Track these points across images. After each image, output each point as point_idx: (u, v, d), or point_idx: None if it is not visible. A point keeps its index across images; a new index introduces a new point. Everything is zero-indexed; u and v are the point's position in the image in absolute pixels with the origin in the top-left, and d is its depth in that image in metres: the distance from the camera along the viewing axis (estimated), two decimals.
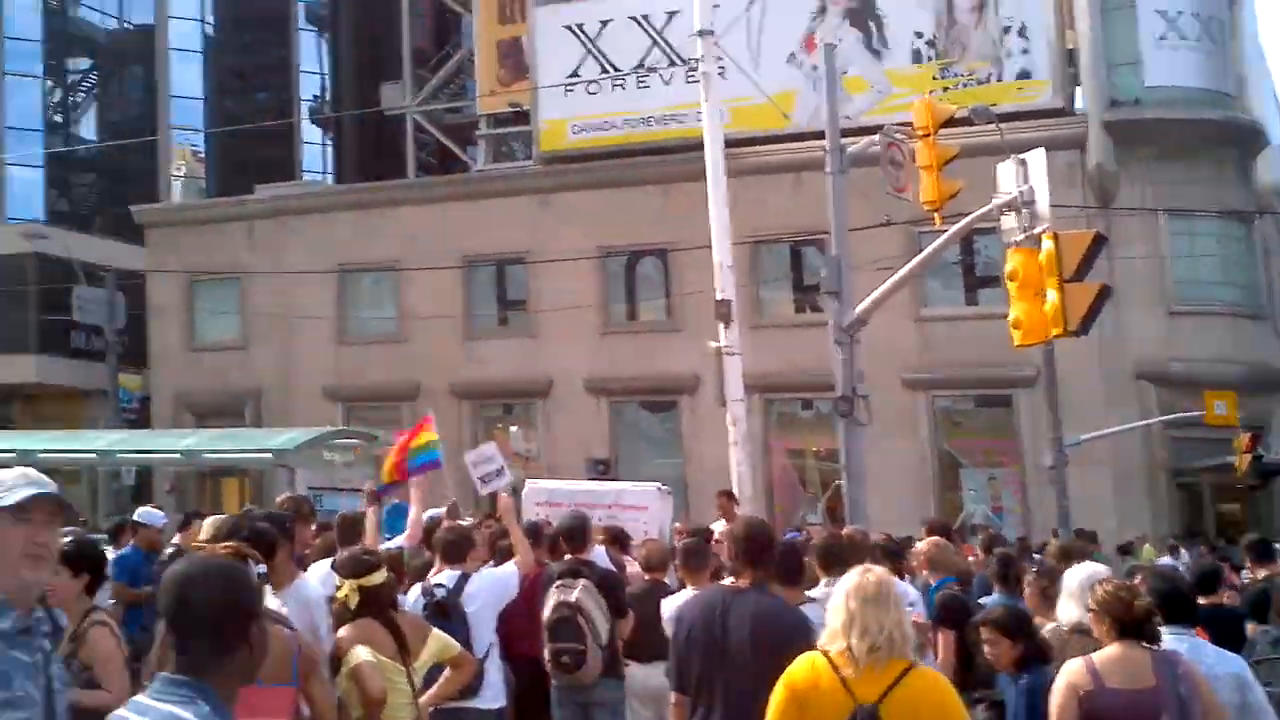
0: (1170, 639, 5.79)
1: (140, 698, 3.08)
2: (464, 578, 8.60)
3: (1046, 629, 7.36)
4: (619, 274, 32.66)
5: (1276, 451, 28.78)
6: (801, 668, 5.09)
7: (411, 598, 8.48)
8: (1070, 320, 11.94)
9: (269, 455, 23.25)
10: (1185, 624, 6.19)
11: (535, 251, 32.29)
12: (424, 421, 11.55)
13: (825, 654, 5.02)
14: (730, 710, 6.15)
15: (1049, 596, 7.82)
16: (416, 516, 10.10)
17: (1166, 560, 21.30)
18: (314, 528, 10.53)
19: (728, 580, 6.77)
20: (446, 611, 8.31)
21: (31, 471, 3.88)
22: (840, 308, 15.96)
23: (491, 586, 8.73)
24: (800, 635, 6.04)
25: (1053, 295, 11.92)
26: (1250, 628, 9.43)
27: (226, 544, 6.44)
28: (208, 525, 8.23)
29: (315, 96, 55.03)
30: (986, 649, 6.59)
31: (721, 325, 15.89)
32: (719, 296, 15.87)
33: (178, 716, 2.92)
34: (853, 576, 5.14)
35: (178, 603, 3.10)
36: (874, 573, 5.18)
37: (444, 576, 8.69)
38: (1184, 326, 28.18)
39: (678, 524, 15.19)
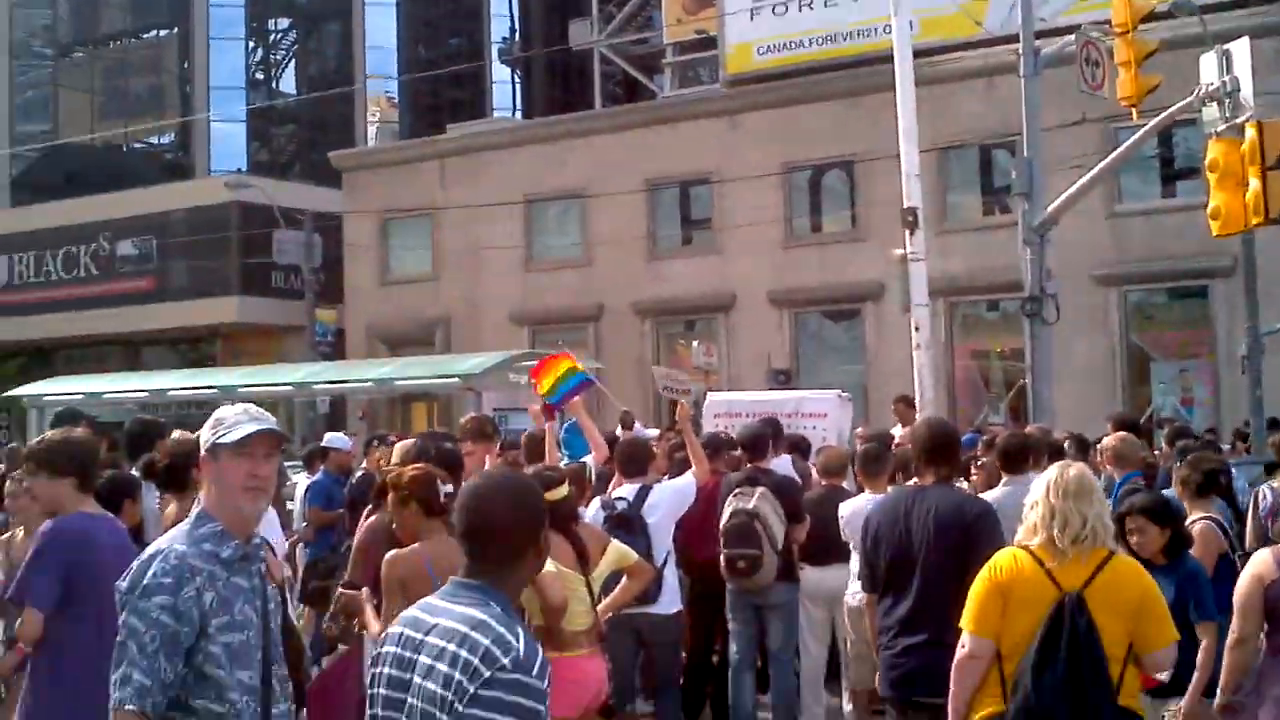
0: None
1: (432, 599, 3.34)
2: (644, 490, 8.79)
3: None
4: (803, 188, 32.38)
5: None
6: (1004, 560, 5.22)
7: (591, 511, 8.69)
8: (1272, 208, 11.65)
9: (456, 380, 23.85)
10: None
11: (720, 172, 32.26)
12: (560, 356, 11.70)
13: (1026, 548, 5.17)
14: (921, 603, 6.30)
15: (1188, 485, 7.75)
16: (594, 435, 10.26)
17: None
18: (498, 446, 10.85)
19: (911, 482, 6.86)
20: (628, 523, 8.51)
21: (253, 408, 4.14)
22: (1030, 208, 15.77)
23: (671, 498, 8.90)
24: (986, 523, 6.15)
25: (1254, 183, 11.63)
26: None
27: (416, 465, 6.77)
28: (397, 450, 8.62)
29: (504, 38, 56.07)
30: (1134, 538, 6.52)
31: (907, 232, 15.77)
32: (906, 204, 15.74)
33: (473, 616, 3.16)
34: (1052, 472, 5.29)
35: (474, 513, 3.35)
36: (1074, 467, 5.33)
37: (625, 490, 8.89)
38: None
39: (859, 430, 15.16)
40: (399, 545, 6.39)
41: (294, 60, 60.26)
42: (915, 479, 6.82)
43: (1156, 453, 13.71)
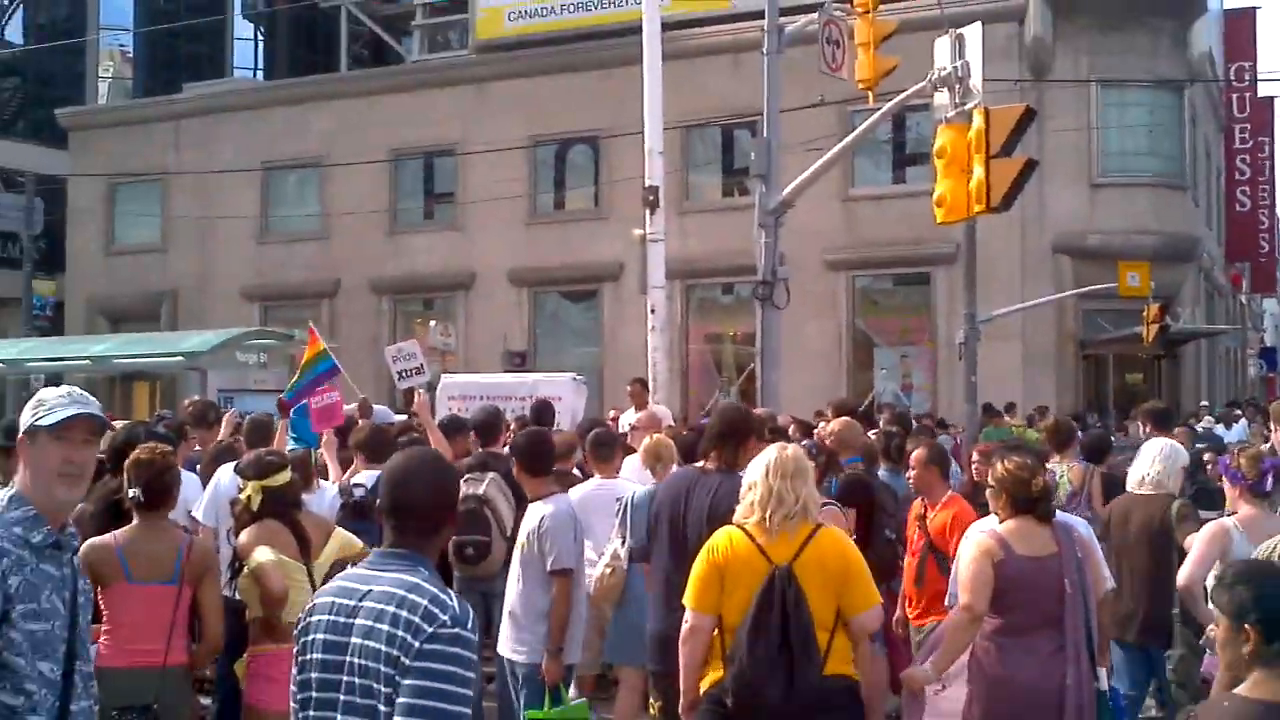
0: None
1: (359, 569, 3.64)
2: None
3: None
4: (549, 163, 32.36)
5: (1184, 321, 29.30)
6: (720, 540, 5.56)
7: (329, 496, 8.49)
8: (993, 196, 11.75)
9: (180, 359, 22.97)
10: None
11: (466, 143, 31.92)
12: (310, 335, 11.47)
13: (741, 527, 5.51)
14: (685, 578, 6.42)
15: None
16: (437, 437, 10.00)
17: None
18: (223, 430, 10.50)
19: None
20: (365, 511, 8.30)
21: (76, 390, 3.99)
22: (767, 191, 15.74)
23: None
24: None
25: (978, 171, 11.78)
26: None
27: (148, 448, 6.44)
28: (107, 436, 8.18)
29: None
30: None
31: (648, 212, 15.79)
32: (648, 183, 15.74)
33: (406, 580, 3.42)
34: (770, 453, 5.62)
35: (398, 488, 3.63)
36: (790, 448, 5.73)
37: (363, 476, 8.74)
38: (1106, 198, 28.31)
39: (613, 411, 15.24)
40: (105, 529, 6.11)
41: (20, 7, 56.69)
42: (703, 461, 6.98)
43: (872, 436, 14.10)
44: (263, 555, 6.25)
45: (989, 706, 5.90)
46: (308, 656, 3.54)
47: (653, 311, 16.05)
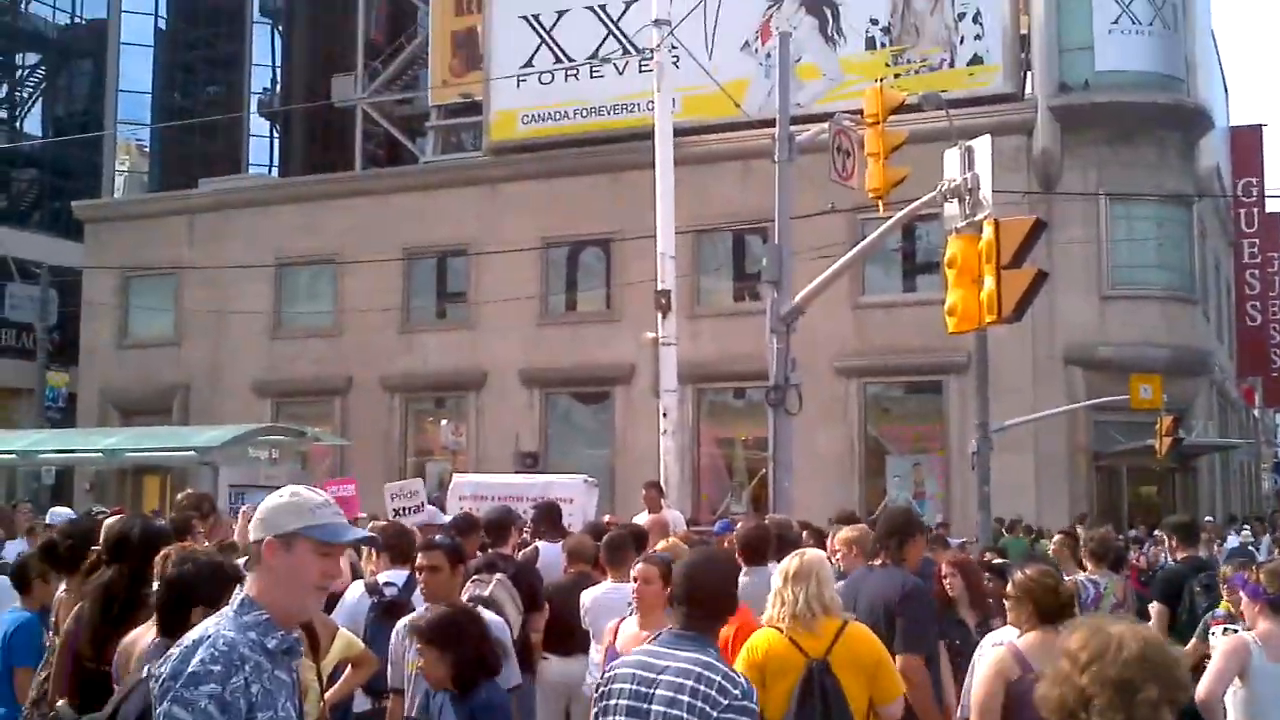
0: None
1: (653, 646, 4.38)
2: (413, 575, 8.46)
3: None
4: (560, 264, 32.55)
5: (1197, 434, 29.17)
6: (758, 639, 5.93)
7: (353, 595, 8.39)
8: (1005, 306, 11.78)
9: (192, 453, 22.92)
10: None
11: (478, 243, 32.15)
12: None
13: (775, 626, 5.87)
14: None
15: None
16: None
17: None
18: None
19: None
20: (397, 611, 8.17)
21: (327, 495, 3.95)
22: (779, 297, 15.79)
23: None
24: (910, 598, 7.02)
25: (989, 281, 11.81)
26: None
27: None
28: (105, 526, 8.19)
29: (265, 89, 54.44)
30: None
31: (660, 315, 15.83)
32: (660, 286, 15.80)
33: (699, 658, 4.20)
34: (787, 561, 6.03)
35: (691, 580, 4.43)
36: (802, 554, 6.09)
37: (392, 574, 8.61)
38: (1116, 310, 28.39)
39: (609, 516, 15.12)
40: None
41: (40, 99, 57.49)
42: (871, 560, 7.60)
43: None
44: None
45: None
46: (610, 718, 4.36)
47: (665, 415, 16.08)
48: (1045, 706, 3.12)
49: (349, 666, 7.32)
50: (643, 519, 13.68)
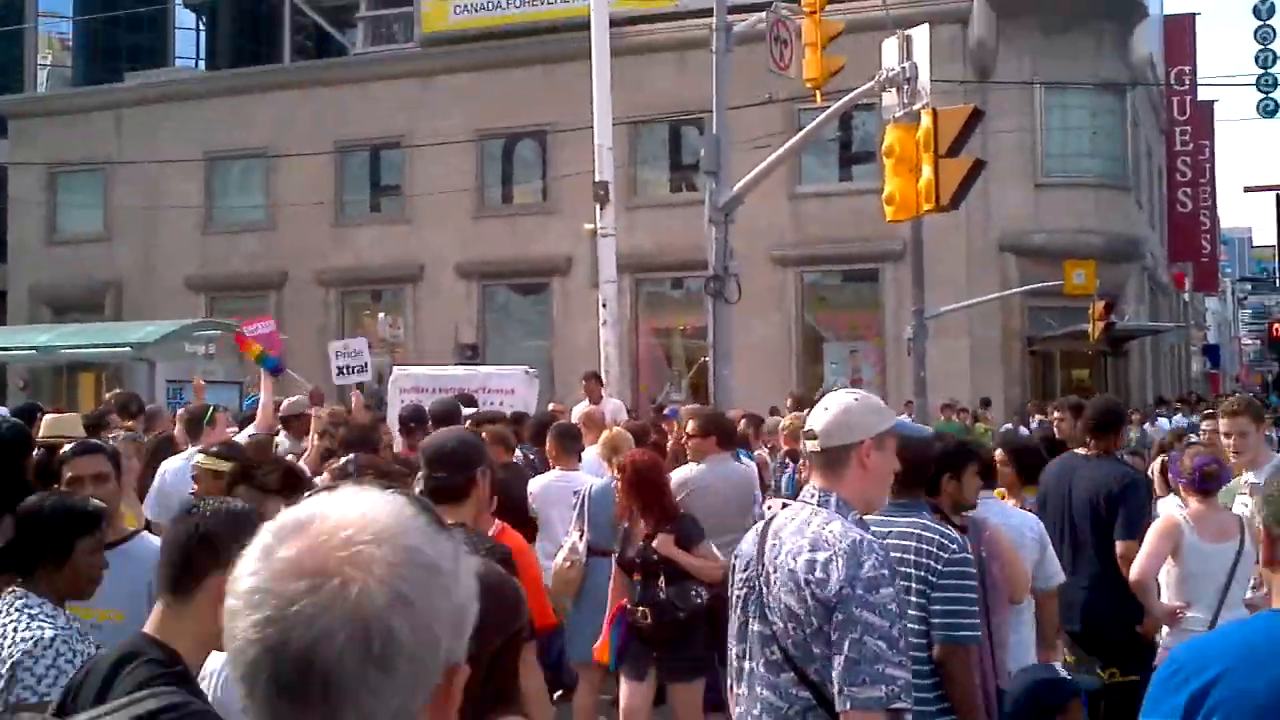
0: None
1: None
2: None
3: None
4: (496, 157, 32.28)
5: (1129, 319, 29.65)
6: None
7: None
8: (943, 195, 11.87)
9: (128, 349, 22.71)
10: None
11: (412, 136, 31.78)
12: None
13: None
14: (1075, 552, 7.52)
15: None
16: (267, 401, 10.01)
17: (1008, 427, 21.96)
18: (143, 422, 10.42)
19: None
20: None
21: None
22: (717, 188, 15.77)
23: None
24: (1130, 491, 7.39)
25: (927, 171, 11.88)
26: None
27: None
28: (47, 423, 8.14)
29: None
30: None
31: (598, 207, 15.76)
32: (598, 178, 15.72)
33: (917, 521, 4.61)
34: None
35: (910, 449, 4.46)
36: None
37: None
38: (1050, 198, 28.61)
39: (554, 405, 15.21)
40: None
41: None
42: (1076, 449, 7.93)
43: None
44: None
45: None
46: None
47: (604, 306, 16.08)
48: None
49: None
50: (583, 409, 13.77)
